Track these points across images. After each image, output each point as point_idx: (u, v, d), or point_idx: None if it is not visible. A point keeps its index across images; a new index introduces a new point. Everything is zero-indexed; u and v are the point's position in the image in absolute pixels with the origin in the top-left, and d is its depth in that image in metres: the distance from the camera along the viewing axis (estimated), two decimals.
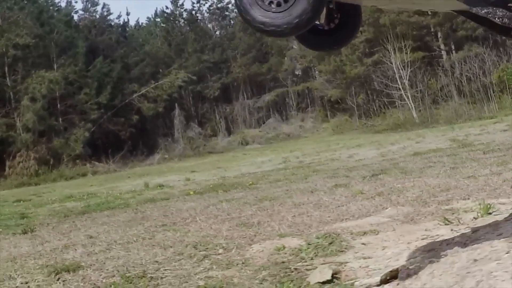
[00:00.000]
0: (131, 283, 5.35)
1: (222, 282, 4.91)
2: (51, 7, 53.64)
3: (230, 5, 67.63)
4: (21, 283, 6.03)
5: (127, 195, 20.60)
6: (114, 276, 5.75)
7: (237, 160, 35.57)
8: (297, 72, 65.72)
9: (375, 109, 52.84)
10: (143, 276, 5.50)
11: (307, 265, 5.15)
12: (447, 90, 48.24)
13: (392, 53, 46.56)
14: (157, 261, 6.12)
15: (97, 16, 59.86)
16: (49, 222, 13.75)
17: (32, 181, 42.10)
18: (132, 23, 68.88)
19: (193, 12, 66.25)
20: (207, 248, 6.44)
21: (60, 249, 8.26)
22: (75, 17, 57.39)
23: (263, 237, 6.69)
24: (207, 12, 67.54)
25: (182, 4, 65.84)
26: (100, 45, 56.58)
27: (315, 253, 5.52)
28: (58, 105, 49.53)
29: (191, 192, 16.81)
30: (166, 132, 57.75)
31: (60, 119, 49.56)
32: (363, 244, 5.67)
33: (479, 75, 44.74)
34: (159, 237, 7.93)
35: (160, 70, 59.96)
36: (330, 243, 5.77)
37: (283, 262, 5.35)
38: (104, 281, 5.63)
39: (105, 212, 14.70)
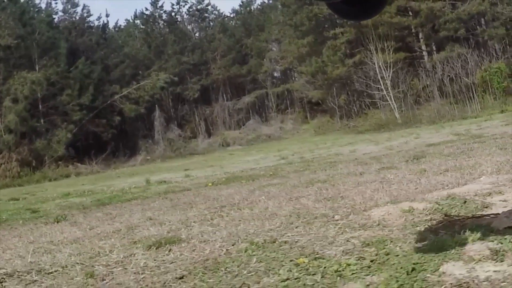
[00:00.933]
0: (264, 248, 5.13)
1: (378, 240, 4.71)
2: (31, 8, 52.90)
3: (209, 7, 67.91)
4: (123, 257, 5.78)
5: (135, 189, 20.35)
6: (234, 244, 5.51)
7: (225, 159, 35.39)
8: (275, 74, 65.87)
9: (356, 110, 53.02)
10: (274, 242, 5.30)
11: (465, 217, 4.99)
12: (429, 90, 48.56)
13: (375, 54, 46.66)
14: (271, 229, 5.92)
15: (77, 18, 59.26)
16: (72, 213, 13.38)
17: (15, 182, 41.49)
18: (111, 24, 68.01)
19: (173, 13, 66.14)
20: (315, 217, 6.23)
21: (132, 228, 8.03)
22: (55, 18, 56.89)
23: (367, 206, 6.47)
24: (187, 14, 67.50)
25: (162, 6, 65.58)
26: (80, 46, 56.07)
27: (457, 210, 5.35)
28: (40, 106, 48.95)
29: (210, 184, 16.61)
30: (146, 134, 57.46)
31: (42, 120, 48.96)
32: (502, 201, 5.52)
33: (461, 75, 45.06)
34: (236, 214, 7.71)
35: (140, 72, 59.59)
36: (464, 202, 5.61)
37: (430, 219, 5.17)
38: (223, 249, 5.39)
39: (130, 202, 14.44)
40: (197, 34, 68.17)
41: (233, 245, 5.43)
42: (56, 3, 56.77)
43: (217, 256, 5.08)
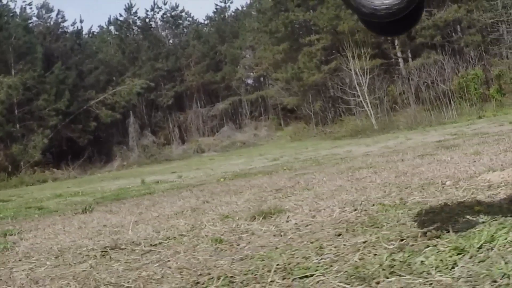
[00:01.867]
0: (401, 207, 5.06)
1: None
2: (6, 13, 52.07)
3: (183, 14, 67.63)
4: (236, 226, 5.69)
5: (139, 187, 20.19)
6: (364, 209, 5.39)
7: (208, 163, 35.14)
8: (249, 81, 65.94)
9: (331, 116, 53.27)
10: (405, 203, 5.23)
11: None
12: (405, 97, 49.03)
13: (351, 60, 46.87)
14: (383, 196, 5.85)
15: (52, 23, 58.50)
16: (89, 208, 13.13)
17: None
18: (85, 30, 67.43)
19: (147, 20, 65.81)
20: (423, 185, 6.17)
21: (197, 208, 7.94)
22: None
23: (456, 179, 6.41)
24: (161, 20, 67.21)
25: (136, 12, 65.02)
26: (55, 52, 55.41)
27: None
28: (16, 111, 48.25)
29: (222, 179, 16.52)
30: (120, 140, 56.99)
31: (18, 125, 48.28)
32: None
33: (438, 82, 45.58)
34: (319, 190, 7.61)
35: (114, 78, 59.14)
36: None
37: None
38: (355, 212, 5.28)
39: (151, 195, 14.32)
40: (171, 41, 68.00)
41: (365, 210, 5.33)
42: (30, 8, 55.94)
43: (354, 217, 5.00)
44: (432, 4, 48.89)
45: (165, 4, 65.74)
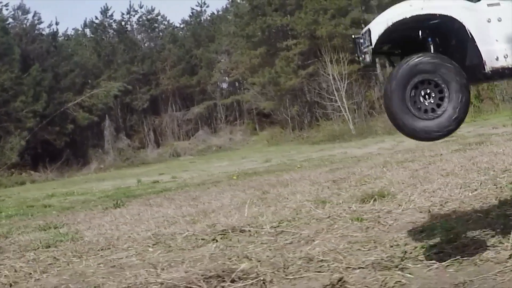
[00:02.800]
0: None
1: None
2: None
3: (159, 17, 67.26)
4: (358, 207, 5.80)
5: (143, 186, 20.18)
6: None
7: (191, 166, 35.08)
8: (224, 85, 65.90)
9: (307, 121, 53.48)
10: None
11: None
12: (382, 102, 49.35)
13: (329, 65, 47.00)
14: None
15: (28, 24, 57.62)
16: (121, 203, 13.14)
17: None
18: (61, 32, 66.43)
19: (122, 23, 65.30)
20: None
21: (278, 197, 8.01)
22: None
23: None
24: (136, 24, 66.67)
25: (112, 15, 64.38)
26: (31, 53, 54.59)
27: None
28: None
29: (234, 177, 16.61)
30: (95, 143, 56.47)
31: None
32: None
33: None
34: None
35: (89, 81, 58.58)
36: None
37: None
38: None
39: (170, 192, 14.33)
40: (146, 44, 67.56)
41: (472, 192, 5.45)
42: (7, 9, 54.93)
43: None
44: None
45: (141, 7, 65.03)
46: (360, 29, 41.90)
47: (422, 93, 4.14)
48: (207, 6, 68.76)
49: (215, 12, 69.39)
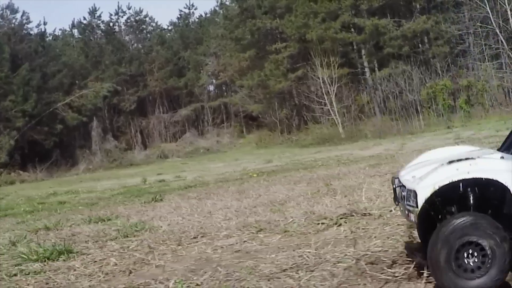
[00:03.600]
0: None
1: None
2: None
3: (147, 19, 67.07)
4: None
5: (156, 184, 20.09)
6: None
7: (185, 167, 34.91)
8: (211, 88, 65.87)
9: (295, 124, 53.58)
10: None
11: None
12: (371, 106, 49.60)
13: (320, 68, 47.01)
14: None
15: (16, 24, 57.09)
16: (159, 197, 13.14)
17: None
18: (49, 32, 65.81)
19: (111, 24, 65.04)
20: None
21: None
22: None
23: None
24: (125, 25, 66.42)
25: (100, 16, 64.05)
26: (19, 53, 54.10)
27: None
28: None
29: (254, 175, 16.60)
30: (82, 144, 56.08)
31: None
32: None
33: (406, 92, 46.20)
34: None
35: (77, 81, 58.23)
36: None
37: None
38: None
39: (193, 189, 14.31)
40: (134, 45, 67.34)
41: None
42: None
43: None
44: (399, 15, 49.86)
45: (129, 8, 64.70)
46: (350, 33, 41.76)
47: (466, 254, 4.28)
48: (195, 8, 68.66)
49: (203, 15, 69.42)
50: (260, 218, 7.11)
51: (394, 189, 4.74)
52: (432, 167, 4.51)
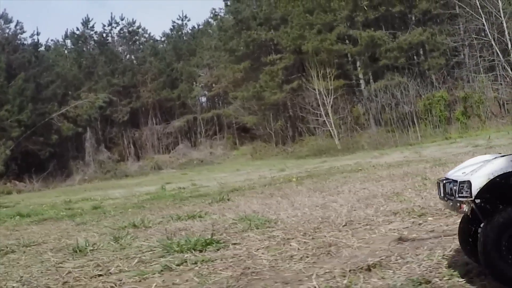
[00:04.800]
0: None
1: None
2: None
3: (140, 30, 66.96)
4: None
5: (187, 190, 19.89)
6: None
7: (190, 177, 34.43)
8: (204, 99, 65.84)
9: (290, 135, 53.62)
10: None
11: None
12: (366, 118, 49.75)
13: (316, 80, 47.01)
14: None
15: (10, 34, 56.77)
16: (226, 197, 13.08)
17: None
18: (42, 42, 65.48)
19: (104, 34, 64.88)
20: None
21: None
22: None
23: None
24: (118, 36, 66.30)
25: (93, 26, 63.96)
26: (13, 63, 53.77)
27: None
28: None
29: (294, 179, 16.53)
30: (76, 155, 55.73)
31: None
32: None
33: (402, 103, 46.34)
34: None
35: (70, 92, 57.94)
36: None
37: None
38: None
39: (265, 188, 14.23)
40: (127, 56, 67.22)
41: None
42: None
43: None
44: (394, 27, 50.13)
45: (122, 19, 64.62)
46: (345, 44, 41.90)
47: None
48: (188, 20, 68.87)
49: (196, 26, 69.46)
50: (402, 206, 7.02)
51: (443, 185, 4.68)
52: (484, 162, 4.50)
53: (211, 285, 4.90)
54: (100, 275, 5.77)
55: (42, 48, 62.94)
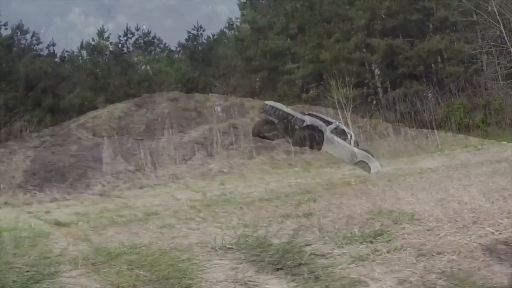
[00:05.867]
0: None
1: None
2: None
3: (155, 40, 67.15)
4: None
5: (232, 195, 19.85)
6: None
7: (219, 185, 34.30)
8: (218, 109, 65.70)
9: (308, 145, 53.49)
10: None
11: None
12: (385, 126, 49.70)
13: (335, 89, 47.07)
14: None
15: (26, 44, 57.19)
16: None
17: None
18: (58, 53, 65.79)
19: (119, 45, 65.01)
20: None
21: None
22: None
23: None
24: (133, 46, 66.43)
25: (108, 37, 64.11)
26: (30, 74, 53.97)
27: None
28: None
29: (352, 183, 16.68)
30: (92, 166, 55.63)
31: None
32: None
33: (421, 111, 46.39)
34: None
35: (86, 103, 58.03)
36: None
37: None
38: None
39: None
40: (143, 67, 67.33)
41: None
42: (6, 28, 54.41)
43: None
44: (411, 35, 50.16)
45: (137, 30, 64.94)
46: (362, 53, 42.12)
47: None
48: (204, 30, 68.72)
49: (211, 36, 69.50)
50: None
51: None
52: None
53: None
54: None
55: (58, 60, 63.33)
